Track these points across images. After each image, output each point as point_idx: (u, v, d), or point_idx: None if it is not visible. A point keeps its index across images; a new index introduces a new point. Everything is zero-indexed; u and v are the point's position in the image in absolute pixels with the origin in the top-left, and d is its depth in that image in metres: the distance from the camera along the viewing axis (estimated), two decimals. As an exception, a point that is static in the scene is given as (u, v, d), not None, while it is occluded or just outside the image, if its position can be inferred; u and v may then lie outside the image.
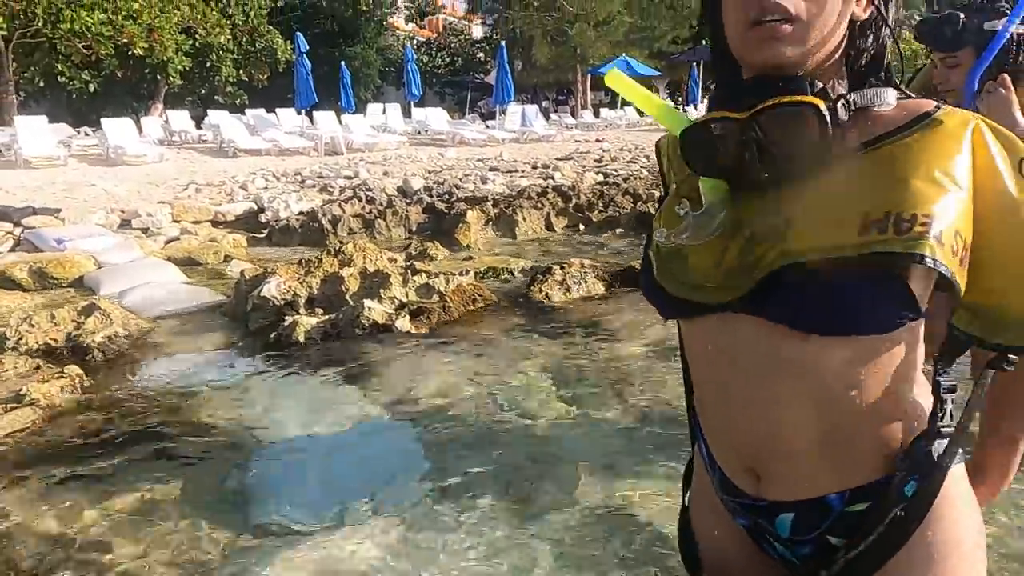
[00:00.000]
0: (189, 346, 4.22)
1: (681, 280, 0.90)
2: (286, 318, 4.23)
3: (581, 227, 7.87)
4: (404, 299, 4.35)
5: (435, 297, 4.39)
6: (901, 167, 0.79)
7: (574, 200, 8.31)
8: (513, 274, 5.49)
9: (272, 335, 4.05)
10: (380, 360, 3.75)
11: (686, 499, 1.12)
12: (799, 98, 0.79)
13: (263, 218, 8.48)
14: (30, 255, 6.16)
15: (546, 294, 4.84)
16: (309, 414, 3.21)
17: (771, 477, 0.89)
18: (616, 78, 0.96)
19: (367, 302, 3.98)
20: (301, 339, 3.86)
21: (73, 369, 3.50)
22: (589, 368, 3.69)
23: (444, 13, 47.94)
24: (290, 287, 4.53)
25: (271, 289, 4.46)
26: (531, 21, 30.40)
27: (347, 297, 4.46)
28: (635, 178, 10.51)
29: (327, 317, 4.08)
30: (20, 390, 3.06)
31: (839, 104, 0.80)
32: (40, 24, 15.80)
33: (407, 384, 3.50)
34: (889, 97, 0.85)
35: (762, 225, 0.83)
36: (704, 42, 1.11)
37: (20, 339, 4.04)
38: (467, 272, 4.93)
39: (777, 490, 0.89)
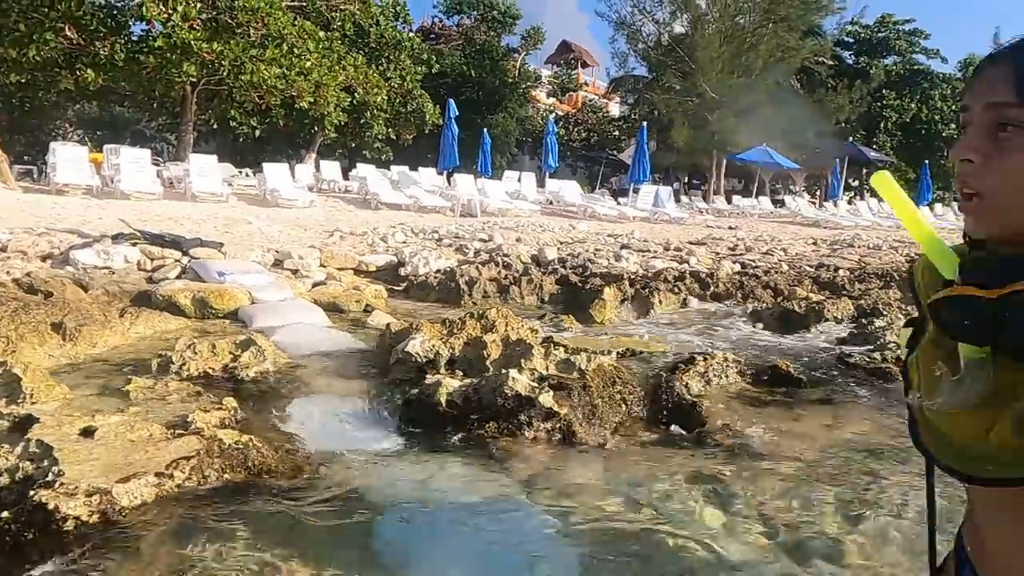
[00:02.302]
0: (333, 390, 4.33)
1: (939, 444, 0.83)
2: (427, 376, 4.27)
3: (719, 305, 7.64)
4: (544, 372, 4.30)
5: (575, 374, 4.32)
6: None
7: (712, 288, 8.10)
8: (652, 357, 5.35)
9: (414, 392, 4.09)
10: (518, 439, 3.70)
11: None
12: None
13: (402, 271, 8.77)
14: (194, 284, 6.59)
15: (687, 384, 4.66)
16: (447, 487, 3.19)
17: None
18: (884, 183, 0.87)
19: (511, 372, 3.96)
20: (443, 401, 3.87)
21: (230, 401, 3.65)
22: (729, 483, 3.48)
23: (585, 91, 49.25)
24: (433, 345, 4.58)
25: (415, 345, 4.54)
26: (671, 104, 30.65)
27: (488, 362, 4.46)
28: (775, 271, 10.16)
29: (470, 381, 4.08)
30: (186, 416, 3.21)
31: None
32: (224, 74, 17.37)
33: (542, 475, 3.42)
34: None
35: None
36: (850, 139, 1.01)
37: (183, 364, 4.28)
38: (608, 352, 4.84)
39: None
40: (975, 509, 0.89)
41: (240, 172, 21.41)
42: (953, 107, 40.71)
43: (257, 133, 24.57)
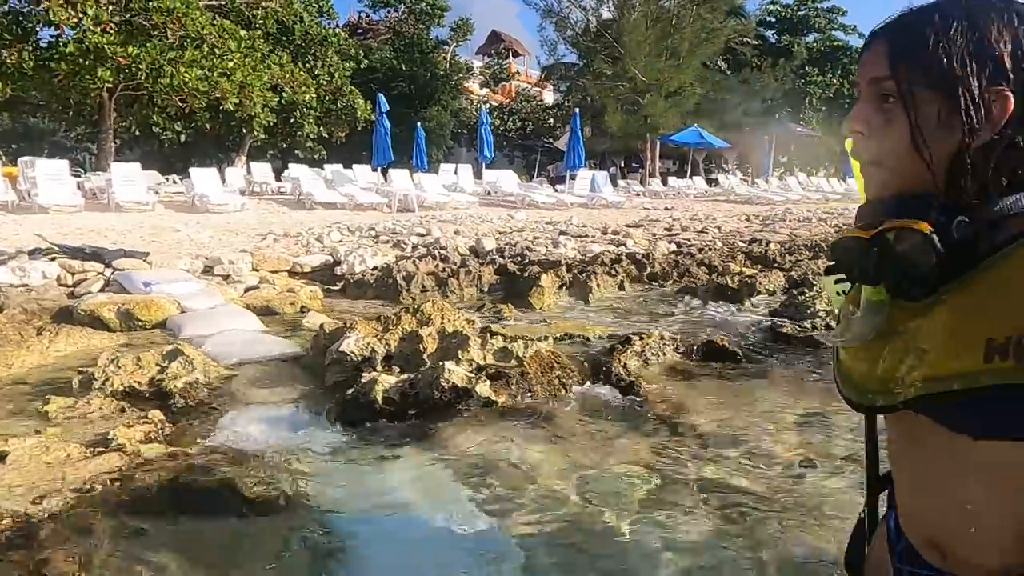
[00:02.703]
0: (266, 398, 4.23)
1: (844, 379, 0.93)
2: (364, 374, 4.20)
3: (655, 287, 7.74)
4: (482, 362, 4.28)
5: (513, 362, 4.31)
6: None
7: (648, 268, 8.20)
8: (589, 340, 5.39)
9: (349, 392, 4.02)
10: (457, 429, 3.67)
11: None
12: (903, 223, 0.79)
13: (339, 271, 8.63)
14: (118, 296, 6.36)
15: (624, 364, 4.71)
16: (383, 484, 3.14)
17: (955, 556, 0.88)
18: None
19: (447, 364, 3.92)
20: (379, 398, 3.81)
21: (156, 414, 3.53)
22: (671, 456, 3.53)
23: (517, 80, 49.25)
24: (368, 343, 4.52)
25: (350, 344, 4.46)
26: (603, 90, 30.87)
27: (424, 356, 4.42)
28: (709, 249, 10.35)
29: (406, 377, 4.03)
30: (107, 433, 3.08)
31: (954, 224, 0.77)
32: (142, 78, 16.77)
33: (484, 461, 3.40)
34: None
35: (911, 340, 0.83)
36: (776, 116, 1.10)
37: (107, 380, 4.12)
38: (545, 338, 4.85)
39: (960, 565, 0.88)
40: (890, 452, 0.97)
41: (167, 179, 20.72)
42: (873, 80, 41.99)
43: (183, 138, 23.80)
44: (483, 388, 3.78)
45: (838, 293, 1.17)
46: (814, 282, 7.73)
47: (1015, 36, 0.78)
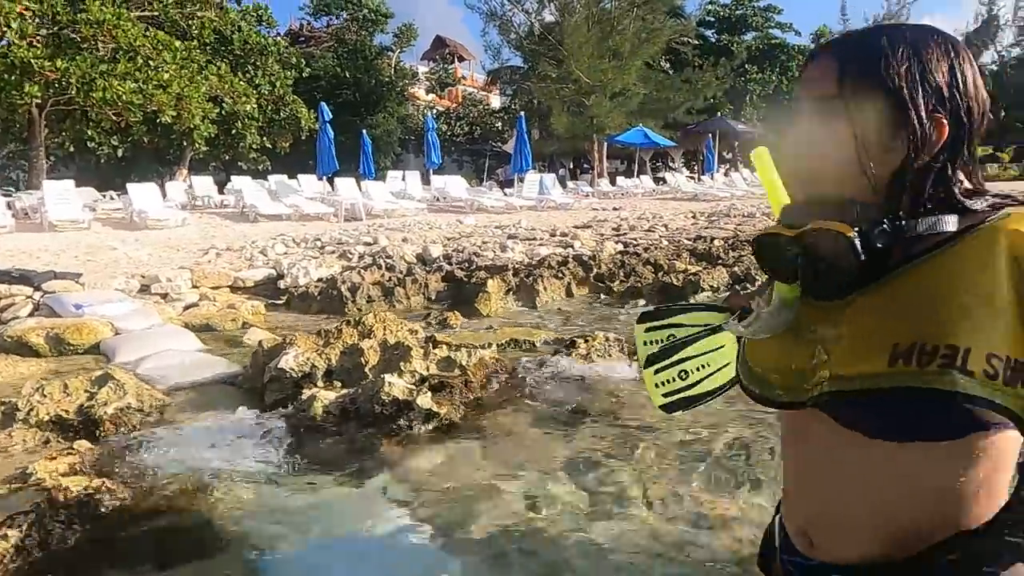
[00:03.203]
0: (203, 421, 4.10)
1: (748, 372, 0.97)
2: (304, 391, 4.11)
3: (603, 296, 7.77)
4: (425, 372, 4.22)
5: (456, 371, 4.26)
6: (931, 288, 0.80)
7: (595, 270, 8.23)
8: (535, 346, 5.37)
9: (289, 408, 3.92)
10: (398, 444, 3.61)
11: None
12: (830, 225, 0.81)
13: (282, 284, 8.46)
14: (48, 320, 6.12)
15: (570, 367, 4.70)
16: (326, 510, 3.06)
17: (820, 546, 0.92)
18: (760, 157, 0.97)
19: (387, 377, 3.85)
20: (319, 415, 3.72)
21: (83, 444, 3.38)
22: (614, 457, 3.52)
23: (463, 84, 49.21)
24: (308, 359, 4.42)
25: (288, 361, 4.36)
26: (549, 92, 31.02)
27: (366, 370, 4.34)
28: (655, 248, 10.45)
29: (346, 392, 3.95)
30: (27, 468, 2.94)
31: (876, 231, 0.80)
32: (73, 92, 16.24)
33: (424, 477, 3.34)
34: (948, 225, 0.82)
35: (820, 339, 0.87)
36: (719, 114, 1.14)
37: (31, 410, 3.94)
38: (489, 345, 4.81)
39: (823, 555, 0.92)
40: (781, 443, 1.00)
41: (104, 196, 20.10)
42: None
43: (120, 153, 23.14)
44: (424, 400, 3.73)
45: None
46: (756, 277, 7.87)
47: (951, 66, 0.82)
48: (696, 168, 38.70)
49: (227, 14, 22.30)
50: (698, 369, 1.34)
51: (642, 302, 7.40)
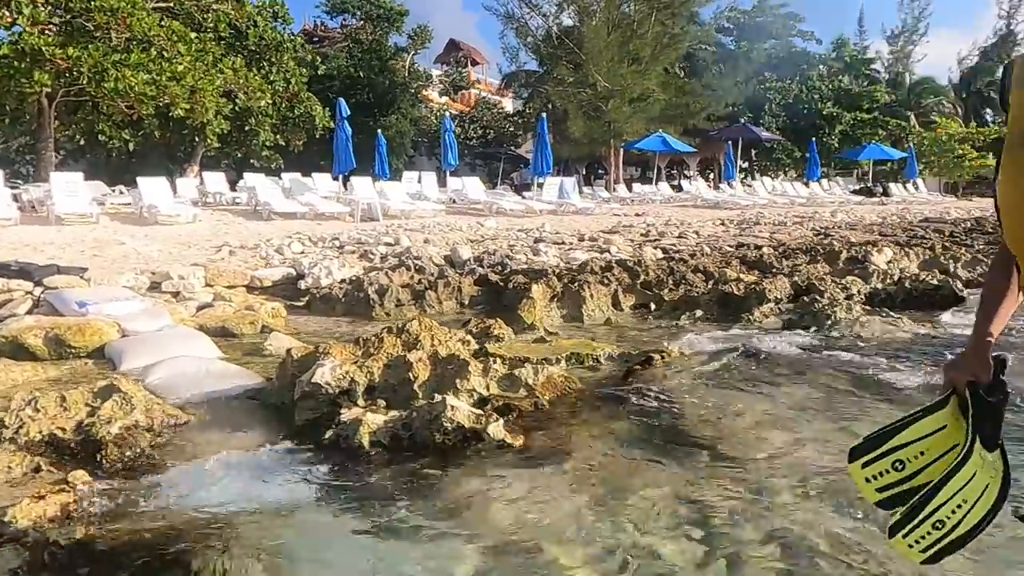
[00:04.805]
0: (224, 441, 3.46)
1: None
2: (343, 411, 3.46)
3: (652, 306, 7.10)
4: (486, 392, 3.58)
5: (522, 391, 3.62)
6: None
7: (641, 276, 7.57)
8: (599, 361, 4.70)
9: (327, 434, 3.28)
10: (464, 479, 2.96)
11: None
12: None
13: (302, 285, 7.83)
14: (48, 319, 5.49)
15: (648, 386, 4.05)
16: (378, 561, 2.42)
17: None
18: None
19: (449, 399, 3.20)
20: (365, 443, 3.08)
21: (80, 476, 2.74)
22: (725, 495, 2.87)
23: (477, 88, 48.76)
24: (347, 372, 3.77)
25: (324, 374, 3.71)
26: (566, 96, 30.50)
27: (415, 387, 3.68)
28: (700, 254, 9.78)
29: (397, 415, 3.30)
30: (5, 513, 2.30)
31: None
32: (85, 82, 15.69)
33: (499, 522, 2.69)
34: None
35: None
36: (741, 120, 0.51)
37: (21, 427, 3.31)
38: (558, 360, 4.15)
39: None
40: None
41: (113, 190, 19.56)
42: (830, 86, 42.50)
43: (132, 147, 22.58)
44: (496, 429, 3.07)
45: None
46: (819, 287, 7.20)
47: None
48: (712, 176, 38.03)
49: (243, 7, 21.74)
50: (916, 457, 1.23)
51: (699, 312, 6.73)
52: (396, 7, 36.66)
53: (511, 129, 43.18)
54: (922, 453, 1.23)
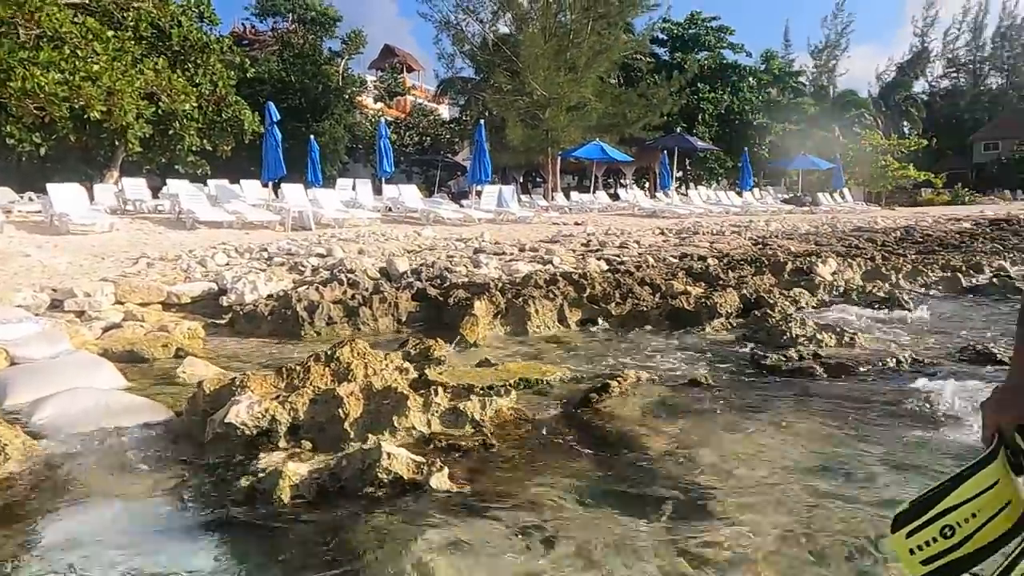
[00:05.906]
0: (118, 491, 2.94)
1: None
2: (261, 457, 3.00)
3: (600, 321, 6.79)
4: (426, 430, 3.16)
5: (468, 428, 3.22)
6: None
7: (588, 290, 7.26)
8: (551, 386, 4.33)
9: (243, 483, 2.81)
10: (403, 537, 2.53)
11: None
12: None
13: (225, 301, 7.24)
14: (-77, 346, 4.81)
15: (609, 417, 3.70)
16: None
17: None
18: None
19: (385, 446, 2.77)
20: (286, 498, 2.63)
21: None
22: (715, 545, 2.54)
23: (413, 94, 48.22)
24: (267, 409, 3.29)
25: (240, 413, 3.23)
26: (503, 104, 30.31)
27: (346, 425, 3.23)
28: (645, 266, 9.56)
29: (324, 463, 2.85)
30: None
31: None
32: (-12, 82, 14.58)
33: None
34: None
35: None
36: (677, 130, 0.46)
37: None
38: (507, 391, 3.75)
39: None
40: None
41: (22, 197, 18.33)
42: (760, 97, 43.56)
43: (43, 152, 21.21)
44: (440, 480, 2.66)
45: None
46: (769, 300, 7.03)
47: None
48: (648, 184, 38.37)
49: (167, 6, 20.72)
50: (967, 520, 1.11)
51: (649, 328, 6.46)
52: (329, 11, 35.91)
53: (448, 136, 42.84)
54: (973, 515, 1.11)
